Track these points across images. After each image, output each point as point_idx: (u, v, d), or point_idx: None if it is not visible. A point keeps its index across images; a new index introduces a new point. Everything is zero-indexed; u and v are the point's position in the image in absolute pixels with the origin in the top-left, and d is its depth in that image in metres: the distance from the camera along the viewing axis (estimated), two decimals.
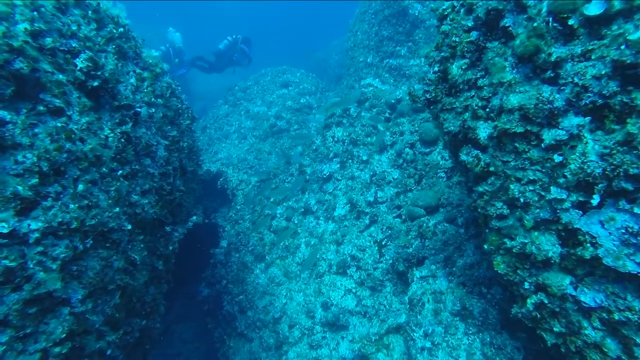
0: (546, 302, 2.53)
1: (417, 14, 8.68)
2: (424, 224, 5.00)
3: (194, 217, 8.38)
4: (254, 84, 11.32)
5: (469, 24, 2.97)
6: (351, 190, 6.52)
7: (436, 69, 3.36)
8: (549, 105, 2.44)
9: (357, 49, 9.92)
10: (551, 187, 2.46)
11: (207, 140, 10.72)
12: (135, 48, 4.11)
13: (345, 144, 6.92)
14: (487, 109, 2.86)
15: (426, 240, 4.89)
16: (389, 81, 8.86)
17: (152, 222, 3.86)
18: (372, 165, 6.47)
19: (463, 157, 3.10)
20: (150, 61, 4.44)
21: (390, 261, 5.33)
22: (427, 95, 3.44)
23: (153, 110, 4.04)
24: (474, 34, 2.90)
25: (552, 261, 2.51)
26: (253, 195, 7.87)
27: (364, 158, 6.54)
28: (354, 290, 5.86)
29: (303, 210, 7.05)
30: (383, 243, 5.65)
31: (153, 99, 4.02)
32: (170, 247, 4.21)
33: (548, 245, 2.53)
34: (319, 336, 5.89)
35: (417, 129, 6.07)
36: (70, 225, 2.55)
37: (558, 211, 2.45)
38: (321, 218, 6.85)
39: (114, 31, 3.64)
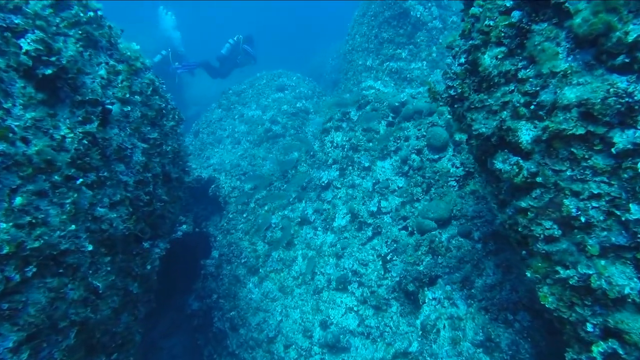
0: (621, 352, 1.90)
1: (418, 16, 8.13)
2: (436, 239, 4.38)
3: (184, 226, 7.72)
4: (249, 87, 10.68)
5: (508, 4, 2.36)
6: (352, 199, 5.88)
7: (463, 60, 2.75)
8: (626, 99, 1.83)
9: (356, 52, 9.34)
10: (630, 205, 1.84)
11: (199, 145, 10.05)
12: (110, 37, 3.46)
13: (345, 149, 6.30)
14: (533, 106, 2.24)
15: (439, 257, 4.26)
16: (389, 85, 8.27)
17: (125, 239, 3.20)
18: (375, 172, 5.85)
19: (498, 164, 2.48)
20: (129, 54, 3.79)
21: (397, 278, 4.69)
22: (451, 92, 2.82)
23: (129, 108, 3.38)
24: (515, 15, 2.29)
25: (629, 300, 1.89)
26: (246, 202, 7.21)
27: (366, 165, 5.91)
28: (355, 309, 5.20)
29: (300, 220, 6.39)
30: (388, 258, 5.01)
31: (129, 96, 3.36)
32: (149, 266, 3.53)
33: (622, 279, 1.91)
34: (318, 358, 5.22)
35: (424, 133, 5.45)
36: (0, 250, 1.89)
37: None
38: (319, 229, 6.19)
39: (81, 15, 2.99)
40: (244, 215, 7.11)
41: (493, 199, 2.89)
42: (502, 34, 2.39)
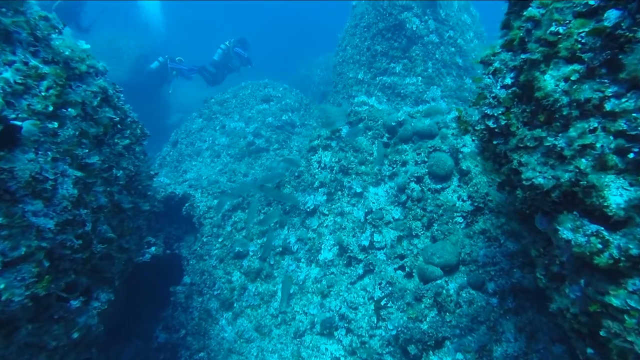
0: None
1: (414, 29, 7.38)
2: (443, 291, 3.54)
3: (153, 249, 6.69)
4: (232, 97, 9.75)
5: (592, 2, 1.56)
6: (340, 229, 5.01)
7: (509, 80, 1.93)
8: None
9: (347, 64, 8.53)
10: None
11: (177, 156, 9.04)
12: (35, 30, 2.53)
13: (334, 171, 5.44)
14: (633, 154, 1.44)
15: (446, 314, 3.42)
16: (383, 100, 7.48)
17: (37, 303, 2.26)
18: (367, 200, 5.00)
19: (565, 232, 1.66)
20: (69, 53, 2.86)
21: (394, 332, 3.82)
22: (490, 123, 2.00)
23: (55, 125, 2.45)
24: (612, 15, 1.48)
25: None
26: (222, 225, 6.27)
27: (357, 190, 5.06)
28: None
29: (281, 249, 5.49)
30: (382, 303, 4.15)
31: (54, 109, 2.43)
32: (76, 334, 2.57)
33: None
34: None
35: (424, 159, 4.64)
36: None
37: None
38: (303, 260, 5.30)
39: None
40: (220, 240, 6.15)
41: (540, 268, 2.06)
42: (579, 46, 1.58)
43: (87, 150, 2.74)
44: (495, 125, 1.97)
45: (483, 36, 8.99)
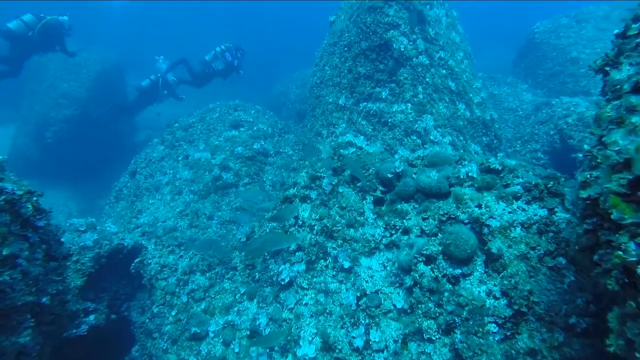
0: None
1: (402, 50, 6.08)
2: None
3: (91, 317, 5.15)
4: (199, 121, 8.20)
5: None
6: (324, 314, 3.62)
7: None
8: None
9: (326, 86, 7.16)
10: None
11: (134, 189, 7.43)
12: None
13: (315, 232, 4.05)
14: None
15: None
16: (367, 130, 6.15)
17: None
18: (359, 277, 3.63)
19: None
20: None
21: None
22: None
23: None
24: None
25: None
26: (177, 293, 4.77)
27: (346, 265, 3.68)
28: None
29: (249, 332, 4.04)
30: None
31: None
32: None
33: None
34: None
35: (435, 230, 3.31)
36: None
37: None
38: (276, 349, 3.87)
39: None
40: (173, 314, 4.64)
41: None
42: None
43: None
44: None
45: (472, 56, 7.83)
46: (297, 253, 4.08)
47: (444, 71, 6.46)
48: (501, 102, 9.15)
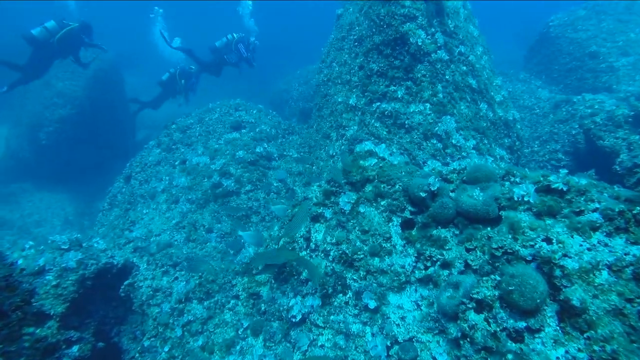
0: None
1: (420, 44, 5.25)
2: None
3: (75, 348, 4.41)
4: (197, 122, 7.37)
5: None
6: None
7: None
8: None
9: (333, 84, 6.34)
10: None
11: (128, 196, 6.63)
12: None
13: (331, 259, 3.27)
14: None
15: None
16: (381, 133, 5.35)
17: None
18: (388, 320, 2.86)
19: None
20: None
21: None
22: None
23: None
24: None
25: None
26: (171, 325, 4.00)
27: (371, 305, 2.90)
28: None
29: None
30: None
31: None
32: None
33: None
34: None
35: (485, 265, 2.53)
36: None
37: None
38: None
39: None
40: (166, 349, 3.87)
41: None
42: None
43: None
44: None
45: (490, 51, 6.99)
46: (309, 282, 3.31)
47: (465, 67, 5.64)
48: (516, 100, 8.32)
